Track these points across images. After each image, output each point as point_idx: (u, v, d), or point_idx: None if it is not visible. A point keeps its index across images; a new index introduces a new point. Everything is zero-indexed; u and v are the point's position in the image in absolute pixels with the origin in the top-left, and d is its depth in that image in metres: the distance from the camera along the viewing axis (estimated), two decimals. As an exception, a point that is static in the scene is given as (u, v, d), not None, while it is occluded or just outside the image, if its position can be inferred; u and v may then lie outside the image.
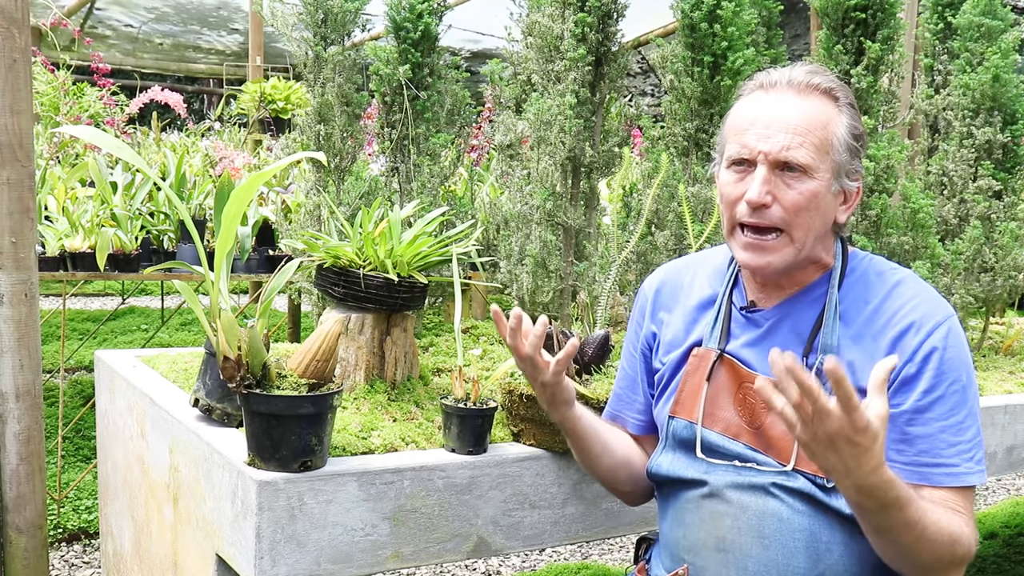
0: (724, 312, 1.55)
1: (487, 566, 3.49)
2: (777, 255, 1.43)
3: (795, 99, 1.43)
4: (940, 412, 1.38)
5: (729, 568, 1.45)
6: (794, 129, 1.40)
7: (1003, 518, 3.98)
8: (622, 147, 2.48)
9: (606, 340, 1.92)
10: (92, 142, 1.70)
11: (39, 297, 2.50)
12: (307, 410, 1.50)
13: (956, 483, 1.37)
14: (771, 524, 1.41)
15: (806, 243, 1.43)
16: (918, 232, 2.57)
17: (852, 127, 1.44)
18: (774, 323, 1.50)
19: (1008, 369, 2.74)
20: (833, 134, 1.42)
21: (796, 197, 1.40)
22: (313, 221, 2.43)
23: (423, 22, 2.39)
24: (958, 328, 1.42)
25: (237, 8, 8.47)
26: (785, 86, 1.44)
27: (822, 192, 1.41)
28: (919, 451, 1.38)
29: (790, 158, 1.39)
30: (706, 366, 1.52)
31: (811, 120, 1.41)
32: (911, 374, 1.39)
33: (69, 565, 3.26)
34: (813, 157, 1.40)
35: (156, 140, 5.08)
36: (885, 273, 1.49)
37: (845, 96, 1.46)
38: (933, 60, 3.11)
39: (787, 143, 1.39)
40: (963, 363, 1.41)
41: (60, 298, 4.42)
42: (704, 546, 1.48)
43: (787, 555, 1.41)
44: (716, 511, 1.46)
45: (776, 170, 1.40)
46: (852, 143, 1.44)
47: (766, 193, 1.40)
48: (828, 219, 1.45)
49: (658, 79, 3.62)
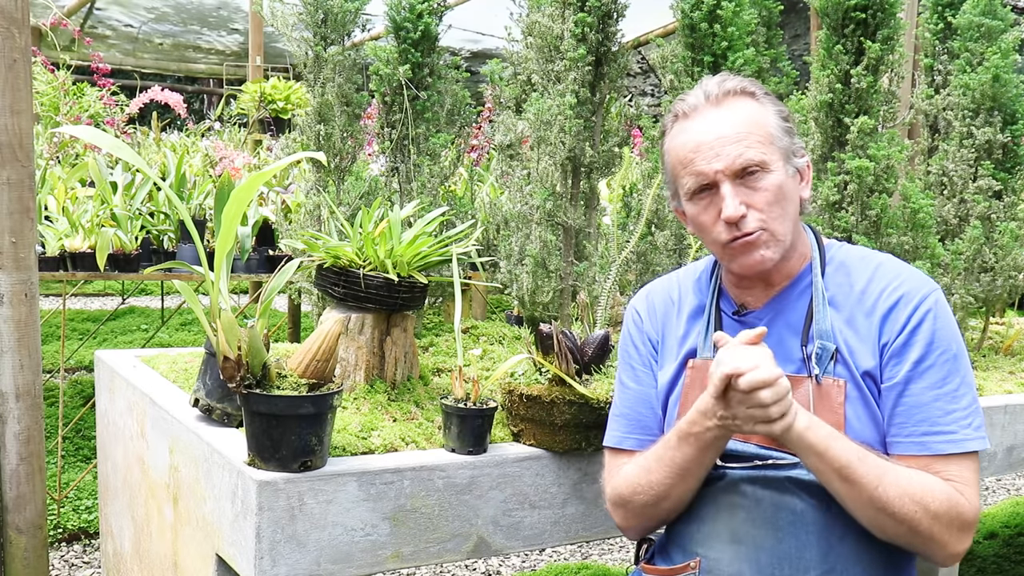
0: (715, 321, 1.56)
1: (487, 566, 3.49)
2: (767, 249, 1.46)
3: (720, 112, 1.48)
4: (933, 380, 1.41)
5: (742, 560, 1.46)
6: (735, 137, 1.45)
7: (1003, 518, 3.98)
8: (622, 147, 2.48)
9: (606, 340, 1.92)
10: (92, 142, 1.70)
11: (39, 297, 2.50)
12: (307, 410, 1.50)
13: (957, 449, 1.39)
14: (785, 517, 1.43)
15: (788, 233, 1.48)
16: (918, 232, 2.57)
17: (778, 112, 1.51)
18: (768, 321, 1.51)
19: (1008, 369, 2.74)
20: (767, 125, 1.48)
21: (765, 195, 1.45)
22: (313, 221, 2.43)
23: (423, 22, 2.38)
24: (944, 301, 1.47)
25: (237, 8, 8.47)
26: (704, 105, 1.49)
27: (783, 179, 1.47)
28: (917, 421, 1.41)
29: (746, 162, 1.44)
30: (705, 376, 1.50)
31: (745, 122, 1.47)
32: (900, 345, 1.43)
33: (69, 565, 3.26)
34: (764, 152, 1.46)
35: (156, 140, 5.08)
36: (866, 257, 1.53)
37: (759, 89, 1.52)
38: (933, 60, 3.11)
39: (737, 151, 1.44)
40: (952, 333, 1.44)
41: (60, 298, 4.42)
42: (718, 538, 1.49)
43: (800, 548, 1.43)
44: (732, 504, 1.48)
45: (738, 180, 1.45)
46: (785, 125, 1.50)
47: (740, 204, 1.44)
48: (796, 201, 1.51)
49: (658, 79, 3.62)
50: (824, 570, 1.42)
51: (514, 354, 2.05)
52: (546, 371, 1.79)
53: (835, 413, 1.42)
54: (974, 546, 3.66)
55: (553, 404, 1.75)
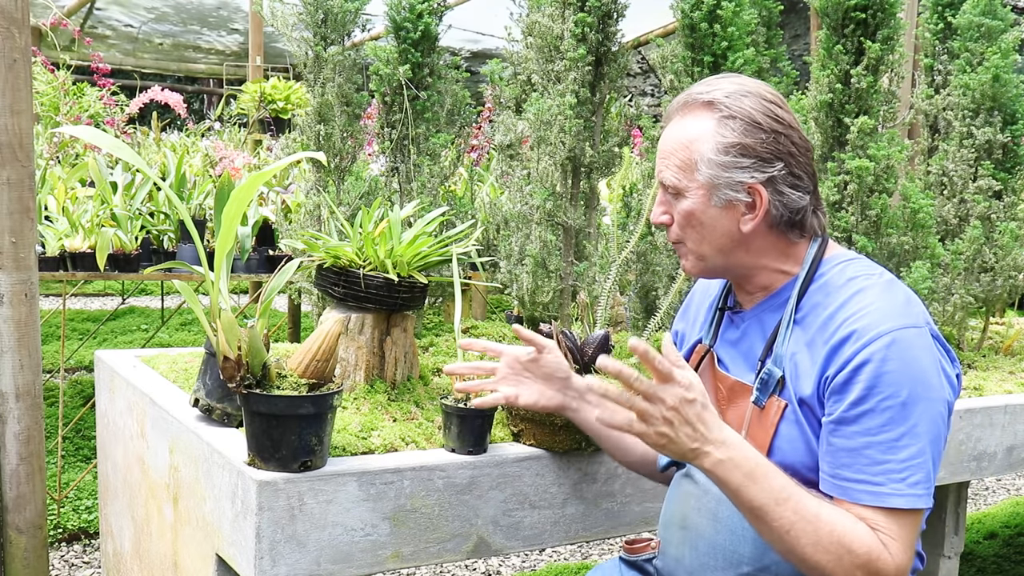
0: (717, 312, 1.63)
1: (487, 566, 3.49)
2: (685, 261, 1.54)
3: (677, 122, 1.49)
4: (868, 427, 1.31)
5: (684, 546, 1.52)
6: (663, 153, 1.49)
7: (1003, 518, 3.98)
8: (622, 147, 2.48)
9: (606, 340, 1.92)
10: (92, 142, 1.70)
11: (39, 297, 2.50)
12: (307, 410, 1.50)
13: (877, 503, 1.30)
14: (726, 509, 1.45)
15: (704, 254, 1.49)
16: (918, 232, 2.57)
17: (720, 140, 1.41)
18: (748, 325, 1.55)
19: (1008, 369, 2.74)
20: (696, 151, 1.43)
21: (679, 216, 1.49)
22: (313, 221, 2.43)
23: (423, 22, 2.39)
24: (909, 341, 1.33)
25: (237, 8, 8.47)
26: (675, 111, 1.50)
27: (698, 209, 1.45)
28: (841, 464, 1.33)
29: (663, 180, 1.49)
30: (696, 361, 1.62)
31: (675, 142, 1.46)
32: (840, 383, 1.34)
33: (69, 565, 3.26)
34: (678, 178, 1.46)
35: (156, 140, 5.08)
36: (856, 279, 1.42)
37: (729, 104, 1.42)
38: (933, 60, 3.11)
39: (660, 167, 1.50)
40: (907, 378, 1.31)
41: (60, 298, 4.42)
42: (672, 522, 1.56)
43: (734, 541, 1.44)
44: (686, 491, 1.54)
45: (666, 192, 1.50)
46: (721, 158, 1.41)
47: (662, 213, 1.51)
48: (725, 232, 1.45)
49: (658, 79, 3.62)
50: (758, 567, 1.42)
51: (514, 354, 2.04)
52: (546, 371, 1.79)
53: (766, 432, 1.42)
54: (974, 546, 3.66)
55: (553, 404, 1.75)
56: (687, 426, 1.29)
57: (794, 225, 1.45)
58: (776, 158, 1.42)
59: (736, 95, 1.43)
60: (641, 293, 2.46)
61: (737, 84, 1.45)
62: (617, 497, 1.87)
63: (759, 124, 1.42)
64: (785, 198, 1.43)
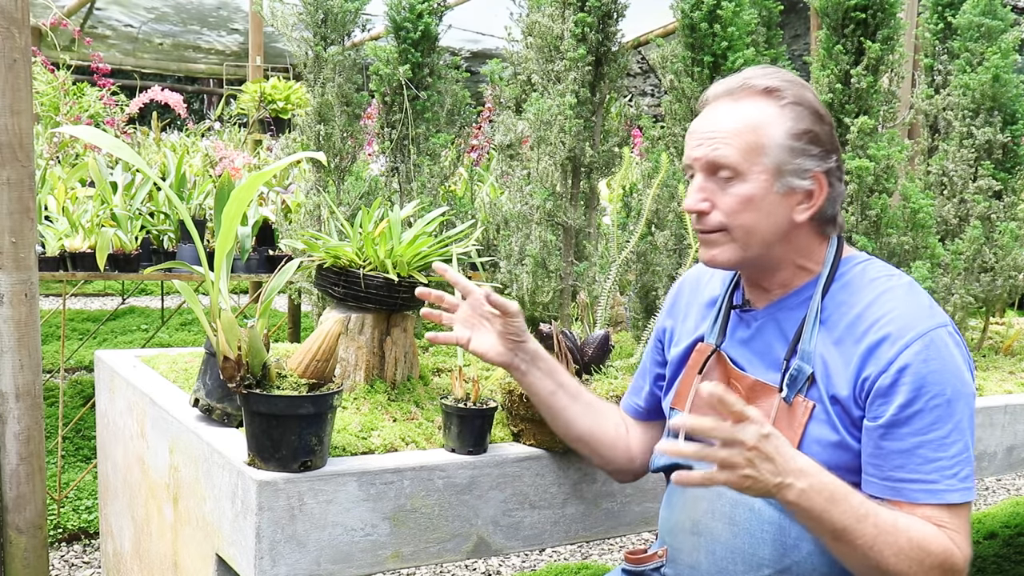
0: (724, 310, 1.59)
1: (487, 566, 3.49)
2: (719, 250, 1.45)
3: (730, 105, 1.44)
4: (918, 427, 1.33)
5: (699, 551, 1.49)
6: (722, 132, 1.42)
7: (1003, 518, 3.98)
8: (622, 147, 2.48)
9: (606, 340, 1.92)
10: (92, 142, 1.70)
11: (39, 297, 2.50)
12: (307, 410, 1.50)
13: (935, 500, 1.33)
14: (742, 512, 1.44)
15: (750, 243, 1.43)
16: (918, 232, 2.57)
17: (793, 126, 1.42)
18: (762, 324, 1.52)
19: (1008, 369, 2.74)
20: (765, 135, 1.41)
21: (730, 201, 1.42)
22: (313, 221, 2.43)
23: (423, 22, 2.38)
24: (943, 340, 1.36)
25: (237, 8, 8.47)
26: (723, 95, 1.46)
27: (759, 195, 1.41)
28: (894, 466, 1.35)
29: (717, 157, 1.41)
30: (701, 360, 1.58)
31: (740, 123, 1.41)
32: (884, 386, 1.35)
33: (69, 565, 3.26)
34: (742, 158, 1.40)
35: (156, 140, 5.07)
36: (878, 280, 1.45)
37: (792, 92, 1.43)
38: (933, 60, 3.11)
39: (714, 146, 1.41)
40: (949, 376, 1.34)
41: (60, 298, 4.42)
42: (682, 528, 1.52)
43: (754, 544, 1.43)
44: (696, 495, 1.51)
45: (711, 176, 1.43)
46: (794, 144, 1.41)
47: (702, 200, 1.43)
48: (779, 220, 1.43)
49: (658, 79, 3.62)
50: (778, 569, 1.42)
51: (514, 354, 2.04)
52: (546, 371, 1.79)
53: (794, 432, 1.41)
54: (974, 546, 3.66)
55: (553, 404, 1.75)
56: (768, 463, 1.24)
57: (829, 221, 1.48)
58: (834, 150, 1.46)
59: (795, 84, 1.45)
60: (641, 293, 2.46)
61: (790, 76, 1.47)
62: (617, 497, 1.87)
63: (822, 116, 1.45)
64: (835, 191, 1.46)
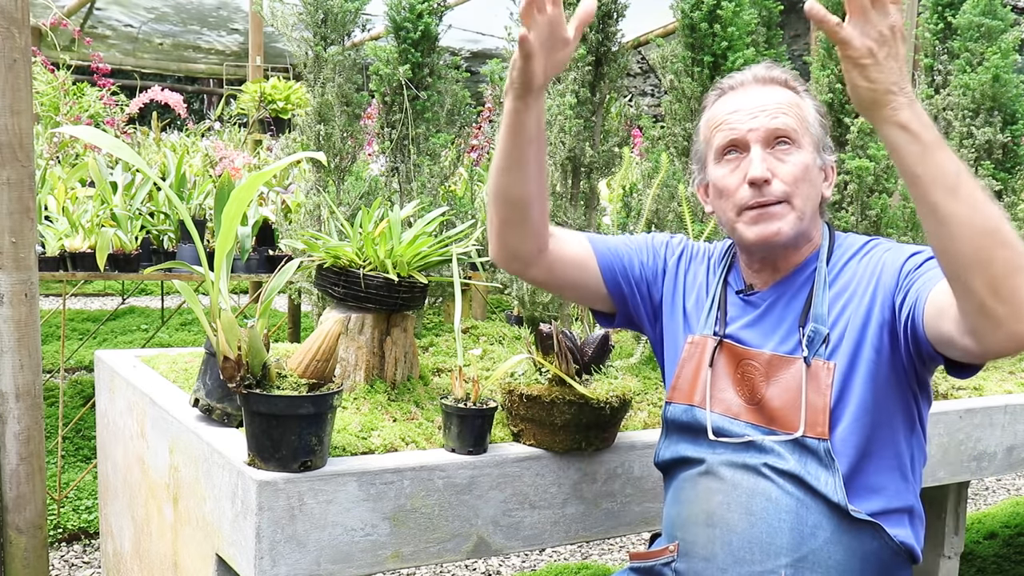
0: (720, 299, 1.60)
1: (487, 566, 3.49)
2: (784, 221, 1.48)
3: (763, 89, 1.54)
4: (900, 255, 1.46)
5: (715, 543, 1.49)
6: (774, 107, 1.50)
7: (1003, 518, 3.98)
8: (622, 147, 2.48)
9: (606, 340, 1.92)
10: (92, 142, 1.70)
11: (39, 297, 2.50)
12: (307, 410, 1.50)
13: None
14: (759, 502, 1.45)
15: (806, 213, 1.50)
16: (918, 232, 2.57)
17: (816, 107, 1.57)
18: (771, 303, 1.55)
19: (1008, 369, 2.74)
20: (806, 111, 1.54)
21: (792, 168, 1.47)
22: (313, 221, 2.43)
23: (423, 22, 2.38)
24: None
25: (237, 8, 8.47)
26: (751, 82, 1.55)
27: (811, 163, 1.50)
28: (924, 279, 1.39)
29: (779, 125, 1.48)
30: (703, 352, 1.58)
31: (785, 101, 1.52)
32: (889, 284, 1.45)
33: (69, 565, 3.26)
34: (797, 128, 1.49)
35: (156, 140, 5.07)
36: (866, 239, 1.59)
37: (801, 85, 1.59)
38: (933, 60, 3.11)
39: (773, 116, 1.48)
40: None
41: (60, 298, 4.42)
42: (695, 522, 1.53)
43: (771, 533, 1.44)
44: (710, 488, 1.52)
45: (768, 148, 1.48)
46: (822, 120, 1.56)
47: (767, 169, 1.46)
48: (818, 193, 1.54)
49: (658, 79, 3.62)
50: (796, 558, 1.43)
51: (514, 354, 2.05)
52: (546, 371, 1.79)
53: (822, 395, 1.44)
54: (974, 546, 3.66)
55: (553, 404, 1.75)
56: (894, 60, 1.17)
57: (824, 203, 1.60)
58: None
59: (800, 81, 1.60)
60: (641, 293, 2.46)
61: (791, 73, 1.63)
62: (617, 497, 1.87)
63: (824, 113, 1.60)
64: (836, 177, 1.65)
